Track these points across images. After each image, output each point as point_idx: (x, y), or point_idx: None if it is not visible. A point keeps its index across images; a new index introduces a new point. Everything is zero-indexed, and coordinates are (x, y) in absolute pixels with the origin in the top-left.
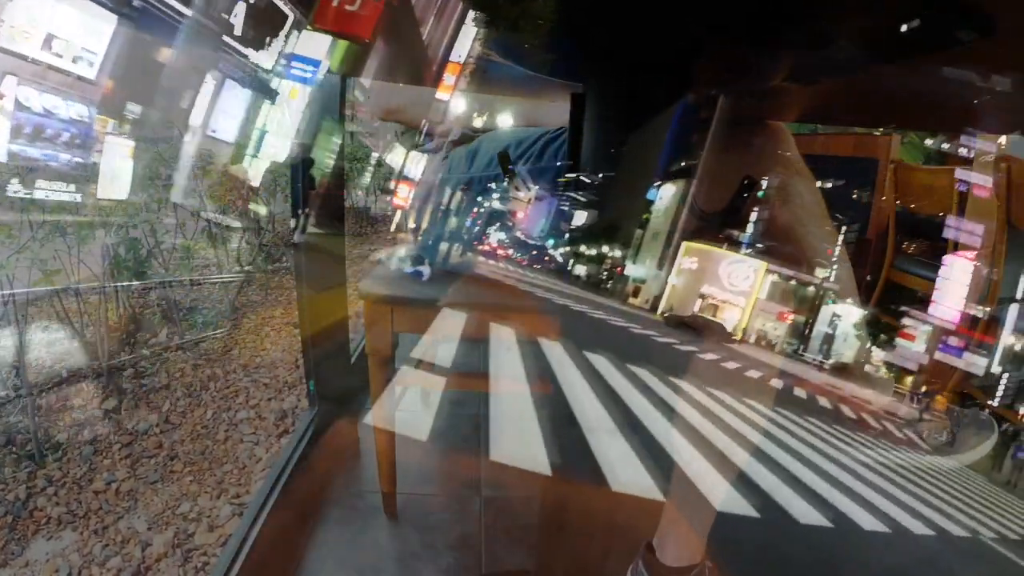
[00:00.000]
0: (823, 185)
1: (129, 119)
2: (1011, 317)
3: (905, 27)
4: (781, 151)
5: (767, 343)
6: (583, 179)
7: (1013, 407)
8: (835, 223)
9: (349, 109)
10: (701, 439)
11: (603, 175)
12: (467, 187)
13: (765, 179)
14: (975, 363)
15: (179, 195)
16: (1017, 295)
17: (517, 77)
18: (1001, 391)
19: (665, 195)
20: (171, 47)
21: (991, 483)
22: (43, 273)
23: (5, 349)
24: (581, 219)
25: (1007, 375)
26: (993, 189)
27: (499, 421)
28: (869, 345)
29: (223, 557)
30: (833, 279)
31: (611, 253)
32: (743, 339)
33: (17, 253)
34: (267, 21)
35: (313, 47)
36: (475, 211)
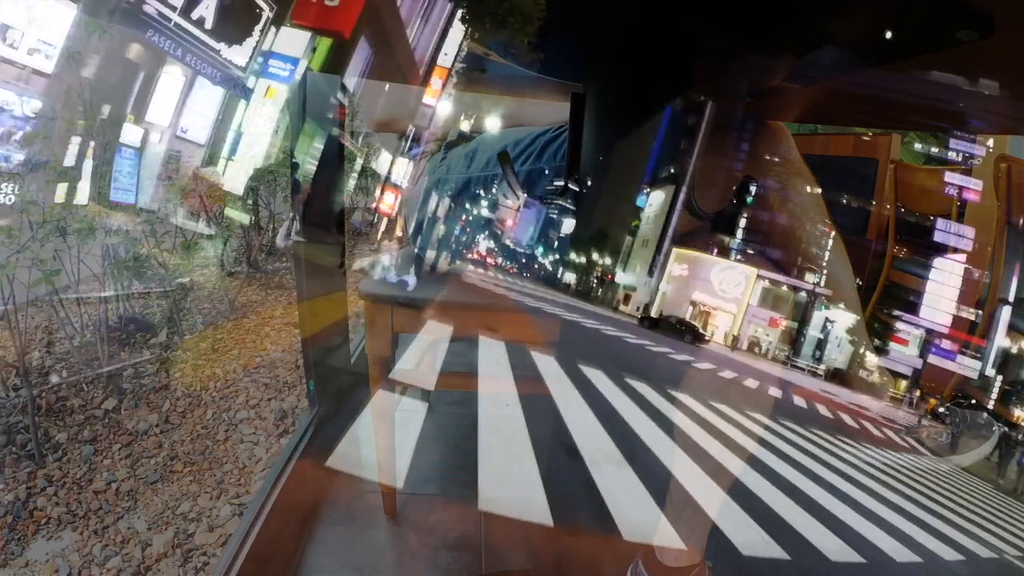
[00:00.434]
0: (823, 185)
1: (90, 116)
2: (1003, 318)
3: (905, 28)
4: (781, 151)
5: (759, 349)
6: (572, 187)
7: (1009, 407)
8: (834, 223)
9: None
10: (696, 447)
11: (592, 183)
12: (459, 194)
13: (765, 179)
14: (969, 366)
15: (147, 199)
16: (1009, 296)
17: (517, 77)
18: (996, 392)
19: (654, 202)
20: (138, 40)
21: (998, 491)
22: None
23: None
24: (570, 227)
25: (1000, 376)
26: (993, 189)
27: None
28: (863, 350)
29: (223, 557)
30: (833, 280)
31: (601, 260)
32: (735, 345)
33: None
34: (241, 16)
35: (291, 45)
36: (463, 219)
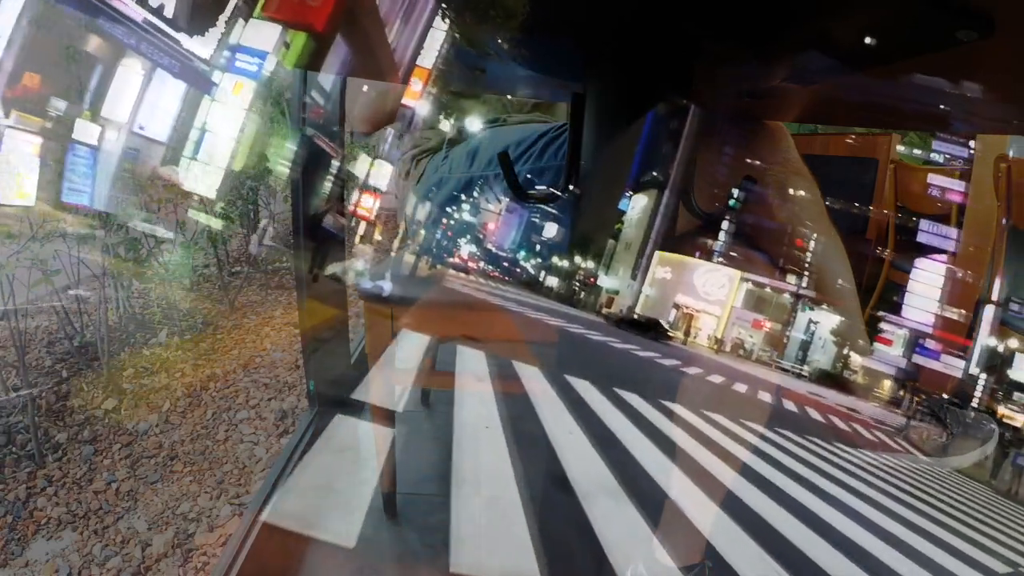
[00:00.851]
0: (823, 185)
1: (38, 111)
2: (987, 317)
3: (905, 28)
4: (781, 151)
5: (744, 351)
6: (555, 192)
7: (998, 406)
8: (834, 223)
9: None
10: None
11: (579, 186)
12: (448, 197)
13: (764, 179)
14: (955, 366)
15: (102, 202)
16: (993, 296)
17: (517, 77)
18: (980, 390)
19: (637, 205)
20: (91, 29)
21: (997, 493)
22: None
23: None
24: (552, 231)
25: (987, 376)
26: (992, 190)
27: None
28: (850, 351)
29: (223, 557)
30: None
31: (584, 264)
32: (719, 348)
33: None
34: (205, 5)
35: (261, 38)
36: (445, 223)
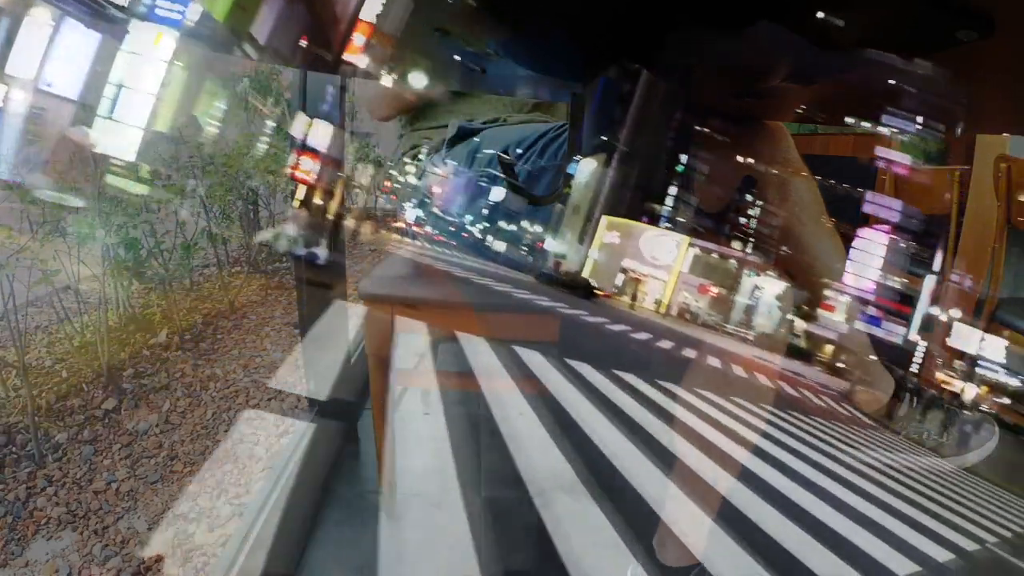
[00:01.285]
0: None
1: None
2: (928, 287)
3: (905, 28)
4: (781, 151)
5: (690, 315)
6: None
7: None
8: (834, 223)
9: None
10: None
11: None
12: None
13: (765, 178)
14: (897, 333)
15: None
16: (935, 268)
17: (517, 77)
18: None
19: (586, 169)
20: None
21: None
22: None
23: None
24: (500, 195)
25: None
26: (993, 189)
27: None
28: (792, 317)
29: (223, 557)
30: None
31: (531, 228)
32: (666, 311)
33: None
34: None
35: None
36: (387, 187)
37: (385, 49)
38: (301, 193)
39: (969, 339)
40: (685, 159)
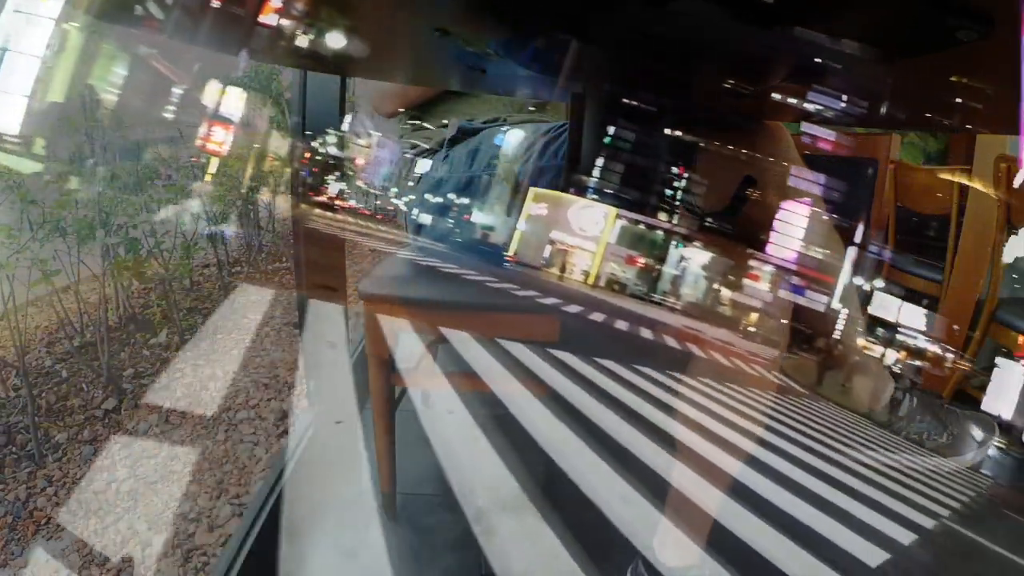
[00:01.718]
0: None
1: None
2: (850, 257)
3: (905, 28)
4: (781, 151)
5: (618, 286)
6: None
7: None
8: (834, 223)
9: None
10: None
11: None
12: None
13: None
14: (820, 301)
15: None
16: (855, 239)
17: (517, 77)
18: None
19: (512, 140)
20: None
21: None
22: None
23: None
24: (426, 167)
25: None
26: (993, 189)
27: None
28: (718, 286)
29: (223, 557)
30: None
31: (457, 200)
32: (594, 283)
33: None
34: None
35: None
36: (307, 159)
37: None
38: (214, 167)
39: (888, 307)
40: (612, 130)
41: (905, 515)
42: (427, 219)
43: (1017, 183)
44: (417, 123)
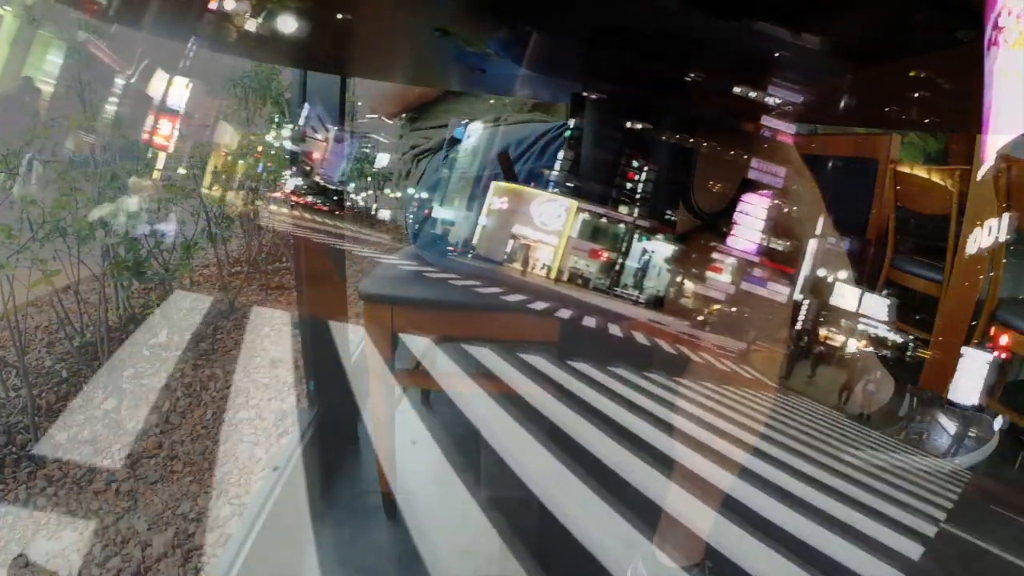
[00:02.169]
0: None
1: None
2: (811, 250)
3: (904, 28)
4: (781, 151)
5: (581, 280)
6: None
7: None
8: (834, 223)
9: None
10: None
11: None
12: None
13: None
14: (782, 293)
15: None
16: (816, 231)
17: (517, 77)
18: (803, 314)
19: (473, 134)
20: None
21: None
22: None
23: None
24: (385, 161)
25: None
26: (993, 189)
27: None
28: (681, 279)
29: (223, 557)
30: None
31: (417, 195)
32: (557, 278)
33: None
34: None
35: None
36: (260, 153)
37: None
38: (160, 162)
39: (849, 297)
40: (573, 123)
41: (903, 518)
42: (427, 219)
43: (979, 177)
44: (417, 124)
